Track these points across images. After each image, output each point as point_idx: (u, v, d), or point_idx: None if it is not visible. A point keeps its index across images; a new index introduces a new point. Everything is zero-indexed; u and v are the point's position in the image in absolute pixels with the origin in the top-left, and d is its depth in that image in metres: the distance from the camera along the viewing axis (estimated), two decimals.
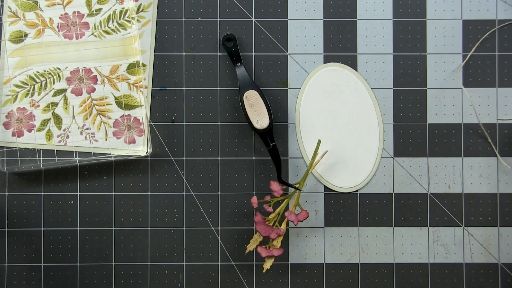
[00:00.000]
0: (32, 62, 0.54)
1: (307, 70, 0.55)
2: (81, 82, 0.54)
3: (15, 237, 0.54)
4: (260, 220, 0.49)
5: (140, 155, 0.53)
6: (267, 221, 0.50)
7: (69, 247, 0.54)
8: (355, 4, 0.55)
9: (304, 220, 0.49)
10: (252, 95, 0.52)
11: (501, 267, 0.54)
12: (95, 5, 0.54)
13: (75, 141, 0.54)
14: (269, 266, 0.50)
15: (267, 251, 0.49)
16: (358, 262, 0.54)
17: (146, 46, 0.54)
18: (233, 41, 0.54)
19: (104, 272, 0.54)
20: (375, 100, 0.54)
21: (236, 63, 0.53)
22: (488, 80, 0.55)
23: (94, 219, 0.54)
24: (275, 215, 0.50)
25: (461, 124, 0.54)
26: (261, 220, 0.49)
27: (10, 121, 0.54)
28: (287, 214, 0.49)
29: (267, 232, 0.49)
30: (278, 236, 0.50)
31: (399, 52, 0.55)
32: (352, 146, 0.54)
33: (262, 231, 0.49)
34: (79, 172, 0.54)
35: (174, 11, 0.55)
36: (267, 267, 0.50)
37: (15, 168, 0.53)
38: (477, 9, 0.55)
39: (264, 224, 0.49)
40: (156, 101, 0.54)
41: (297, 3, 0.55)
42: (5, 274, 0.54)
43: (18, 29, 0.54)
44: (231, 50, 0.54)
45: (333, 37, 0.55)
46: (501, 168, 0.54)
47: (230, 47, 0.54)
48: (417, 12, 0.55)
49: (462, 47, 0.55)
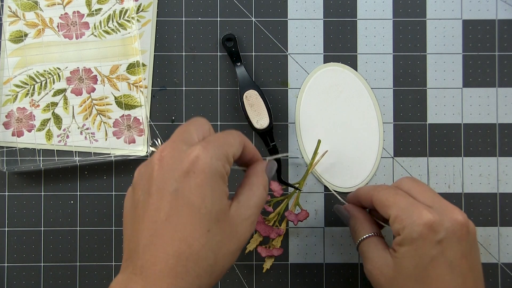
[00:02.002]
0: (32, 62, 0.54)
1: (307, 70, 0.55)
2: (81, 82, 0.54)
3: (15, 237, 0.54)
4: (260, 220, 0.49)
5: (140, 155, 0.53)
6: (267, 221, 0.50)
7: (69, 247, 0.54)
8: (355, 4, 0.55)
9: (304, 220, 0.49)
10: (252, 95, 0.52)
11: (501, 267, 0.54)
12: (95, 5, 0.54)
13: (75, 141, 0.54)
14: (269, 266, 0.50)
15: (267, 251, 0.49)
16: (358, 262, 0.54)
17: (146, 46, 0.54)
18: (233, 41, 0.54)
19: (104, 272, 0.54)
20: (375, 100, 0.54)
21: (236, 63, 0.53)
22: (488, 80, 0.55)
23: (94, 219, 0.54)
24: (275, 215, 0.50)
25: (461, 124, 0.54)
26: (261, 220, 0.49)
27: (10, 121, 0.54)
28: (287, 214, 0.49)
29: (267, 232, 0.49)
30: (278, 236, 0.50)
31: (399, 52, 0.55)
32: (352, 146, 0.54)
33: (262, 231, 0.49)
34: (79, 172, 0.54)
35: (174, 11, 0.55)
36: (267, 267, 0.50)
37: (15, 168, 0.53)
38: (477, 9, 0.55)
39: (264, 224, 0.49)
40: (156, 101, 0.54)
41: (297, 3, 0.55)
42: (5, 274, 0.54)
43: (18, 29, 0.54)
44: (231, 50, 0.54)
45: (333, 37, 0.55)
46: (501, 168, 0.54)
47: (230, 47, 0.54)
48: (417, 12, 0.55)
49: (462, 47, 0.55)
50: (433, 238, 0.37)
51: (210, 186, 0.32)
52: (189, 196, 0.32)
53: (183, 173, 0.32)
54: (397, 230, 0.38)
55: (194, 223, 0.32)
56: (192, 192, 0.32)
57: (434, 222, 0.37)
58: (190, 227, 0.32)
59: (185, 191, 0.32)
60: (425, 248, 0.37)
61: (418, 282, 0.37)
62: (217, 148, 0.34)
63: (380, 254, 0.40)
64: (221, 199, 0.33)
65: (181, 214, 0.32)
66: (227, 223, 0.34)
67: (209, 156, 0.33)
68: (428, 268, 0.37)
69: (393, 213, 0.39)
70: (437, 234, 0.37)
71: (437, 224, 0.37)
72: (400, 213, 0.38)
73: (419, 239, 0.37)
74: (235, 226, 0.34)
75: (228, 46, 0.54)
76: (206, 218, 0.32)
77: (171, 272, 0.31)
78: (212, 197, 0.33)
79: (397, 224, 0.38)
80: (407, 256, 0.37)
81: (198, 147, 0.33)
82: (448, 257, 0.37)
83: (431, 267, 0.37)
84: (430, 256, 0.37)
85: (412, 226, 0.37)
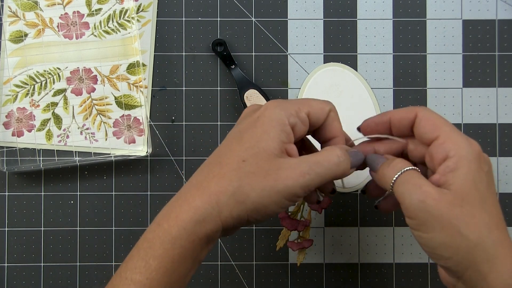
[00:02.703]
0: (32, 62, 0.54)
1: (307, 70, 0.55)
2: (81, 82, 0.54)
3: (15, 237, 0.54)
4: (284, 216, 0.49)
5: (140, 155, 0.53)
6: (292, 214, 0.50)
7: (69, 247, 0.54)
8: (355, 4, 0.55)
9: (327, 206, 0.48)
10: (253, 95, 0.52)
11: None
12: (95, 5, 0.54)
13: (75, 141, 0.54)
14: (302, 259, 0.50)
15: (297, 244, 0.49)
16: (358, 262, 0.54)
17: (146, 46, 0.54)
18: (223, 45, 0.53)
19: (104, 272, 0.54)
20: (375, 100, 0.54)
21: (230, 66, 0.53)
22: (488, 80, 0.55)
23: (94, 219, 0.54)
24: (297, 208, 0.50)
25: (461, 124, 0.54)
26: (285, 215, 0.49)
27: (10, 121, 0.54)
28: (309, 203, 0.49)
29: (294, 225, 0.48)
30: (305, 228, 0.49)
31: (399, 52, 0.55)
32: None
33: (289, 225, 0.48)
34: (79, 172, 0.54)
35: (174, 11, 0.55)
36: (301, 260, 0.50)
37: (15, 168, 0.53)
38: (477, 9, 0.55)
39: (289, 218, 0.49)
40: (156, 101, 0.54)
41: (297, 3, 0.55)
42: (5, 274, 0.54)
43: (18, 29, 0.54)
44: (223, 54, 0.53)
45: (333, 37, 0.55)
46: (501, 168, 0.54)
47: (221, 51, 0.54)
48: (417, 12, 0.55)
49: (462, 47, 0.55)
50: (483, 167, 0.36)
51: (264, 127, 0.36)
52: (244, 134, 0.37)
53: (251, 119, 0.37)
54: (447, 150, 0.35)
55: (235, 153, 0.36)
56: (248, 132, 0.37)
57: (483, 154, 0.36)
58: (230, 154, 0.36)
59: (244, 131, 0.37)
60: (481, 174, 0.35)
61: (483, 209, 0.35)
62: (288, 103, 0.38)
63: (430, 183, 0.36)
64: (271, 140, 0.36)
65: (229, 146, 0.37)
66: (268, 162, 0.36)
67: (274, 106, 0.37)
68: (487, 194, 0.35)
69: (445, 133, 0.36)
70: (486, 165, 0.36)
71: (486, 157, 0.36)
72: (453, 135, 0.36)
73: (475, 163, 0.35)
74: (278, 167, 0.36)
75: (218, 51, 0.54)
76: (246, 151, 0.36)
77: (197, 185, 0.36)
78: (261, 136, 0.36)
79: (450, 144, 0.35)
80: (467, 180, 0.35)
81: (271, 101, 0.38)
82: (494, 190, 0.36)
83: (489, 193, 0.35)
84: (485, 183, 0.35)
85: (469, 149, 0.35)
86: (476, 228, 0.34)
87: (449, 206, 0.34)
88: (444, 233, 0.34)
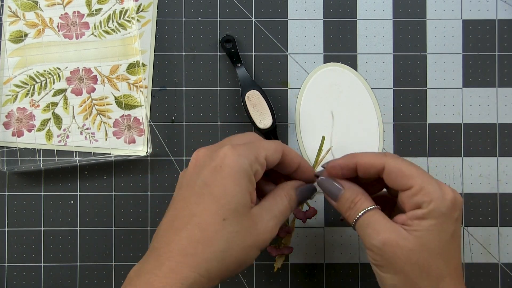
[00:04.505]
0: (32, 62, 0.54)
1: (307, 70, 0.55)
2: (81, 82, 0.54)
3: (15, 237, 0.54)
4: None
5: (140, 155, 0.53)
6: None
7: (69, 247, 0.54)
8: (355, 4, 0.55)
9: (312, 217, 0.49)
10: (254, 95, 0.52)
11: (501, 267, 0.54)
12: (95, 5, 0.54)
13: (75, 141, 0.54)
14: (279, 265, 0.50)
15: (277, 250, 0.49)
16: (358, 262, 0.54)
17: (146, 46, 0.54)
18: (232, 42, 0.54)
19: (104, 272, 0.54)
20: (375, 100, 0.54)
21: (236, 64, 0.53)
22: (488, 80, 0.55)
23: (94, 219, 0.54)
24: None
25: (461, 124, 0.54)
26: None
27: (10, 121, 0.54)
28: (295, 212, 0.49)
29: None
30: (287, 235, 0.49)
31: (399, 52, 0.55)
32: (352, 146, 0.54)
33: None
34: (79, 172, 0.54)
35: (174, 11, 0.55)
36: (278, 266, 0.50)
37: (15, 168, 0.53)
38: (477, 9, 0.55)
39: None
40: (156, 101, 0.54)
41: (297, 3, 0.55)
42: (5, 274, 0.54)
43: (18, 29, 0.54)
44: (231, 51, 0.54)
45: (333, 37, 0.55)
46: (501, 168, 0.54)
47: (229, 48, 0.54)
48: (417, 12, 0.55)
49: (462, 47, 0.55)
50: (454, 215, 0.36)
51: (233, 180, 0.35)
52: (213, 187, 0.35)
53: (212, 168, 0.36)
54: (419, 203, 0.36)
55: (212, 211, 0.35)
56: (216, 184, 0.35)
57: (456, 199, 0.36)
58: (207, 214, 0.35)
59: (210, 183, 0.35)
60: (448, 223, 0.36)
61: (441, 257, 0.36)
62: (246, 148, 0.37)
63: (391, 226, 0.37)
64: (243, 194, 0.36)
65: (201, 203, 0.35)
66: (246, 218, 0.36)
67: (237, 153, 0.36)
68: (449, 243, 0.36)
69: (417, 184, 0.36)
70: (456, 211, 0.36)
71: (458, 201, 0.37)
72: (426, 186, 0.36)
73: (446, 214, 0.36)
74: (255, 223, 0.36)
75: (227, 48, 0.54)
76: (224, 208, 0.35)
77: (181, 252, 0.34)
78: (234, 190, 0.35)
79: (423, 197, 0.36)
80: (432, 230, 0.36)
81: (228, 146, 0.36)
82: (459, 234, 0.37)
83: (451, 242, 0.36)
84: (451, 232, 0.36)
85: (442, 201, 0.36)
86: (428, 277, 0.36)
87: (406, 253, 0.36)
88: (397, 277, 0.36)
